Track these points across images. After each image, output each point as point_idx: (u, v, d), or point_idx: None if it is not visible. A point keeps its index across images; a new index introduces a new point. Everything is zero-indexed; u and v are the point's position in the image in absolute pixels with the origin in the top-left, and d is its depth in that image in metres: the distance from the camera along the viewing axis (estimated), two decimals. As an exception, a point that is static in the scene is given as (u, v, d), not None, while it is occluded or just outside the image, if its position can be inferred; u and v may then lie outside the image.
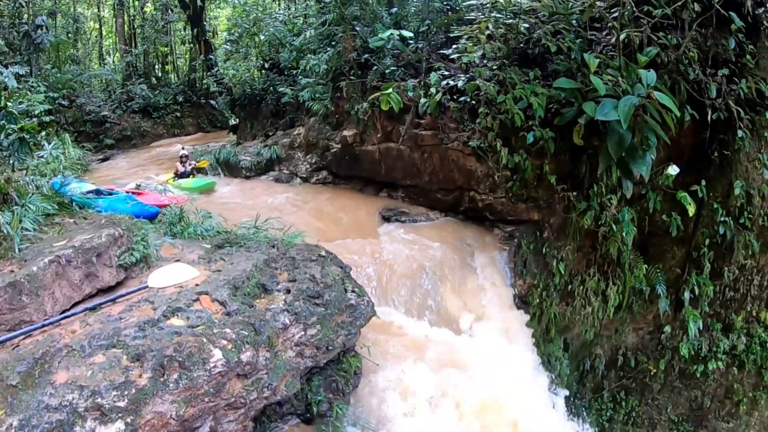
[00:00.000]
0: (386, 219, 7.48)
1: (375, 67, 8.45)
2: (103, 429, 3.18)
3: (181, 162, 10.99)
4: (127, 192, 8.12)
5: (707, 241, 7.65)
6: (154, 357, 3.50)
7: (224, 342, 3.80)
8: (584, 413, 7.52)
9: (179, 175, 10.84)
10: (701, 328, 7.72)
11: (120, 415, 3.23)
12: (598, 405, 7.79)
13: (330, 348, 4.55)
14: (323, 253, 5.31)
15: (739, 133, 7.04)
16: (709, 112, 6.86)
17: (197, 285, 4.42)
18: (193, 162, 11.24)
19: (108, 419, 3.20)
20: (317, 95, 9.21)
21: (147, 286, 4.43)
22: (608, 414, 7.88)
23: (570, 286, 7.10)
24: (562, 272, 6.96)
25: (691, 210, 7.01)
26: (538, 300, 6.88)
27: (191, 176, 10.79)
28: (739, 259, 7.89)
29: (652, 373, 7.94)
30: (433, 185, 7.65)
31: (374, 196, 8.31)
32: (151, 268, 4.82)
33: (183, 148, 11.86)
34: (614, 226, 6.89)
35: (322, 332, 4.48)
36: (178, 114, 18.08)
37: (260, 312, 4.25)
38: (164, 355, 3.52)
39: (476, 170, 7.16)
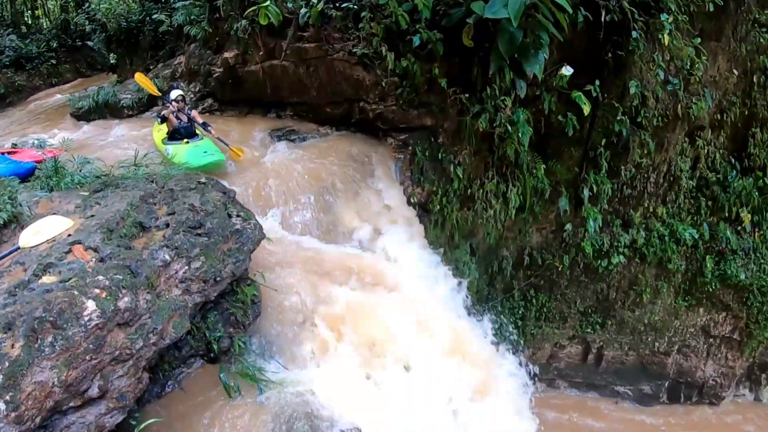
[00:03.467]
0: (275, 139, 7.31)
1: (253, -19, 8.04)
2: (-17, 413, 2.92)
3: (177, 111, 7.35)
4: (0, 153, 7.52)
5: (603, 141, 8.07)
6: (25, 322, 3.25)
7: (97, 291, 3.56)
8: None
9: (174, 133, 7.25)
10: (601, 224, 8.20)
11: (-2, 394, 2.98)
12: (510, 304, 8.21)
13: (218, 279, 4.40)
14: (203, 180, 5.11)
15: (634, 34, 7.31)
16: (603, 14, 7.03)
17: (70, 235, 4.12)
18: (193, 112, 7.50)
19: (-14, 401, 2.94)
20: (193, 18, 8.73)
21: (18, 248, 4.08)
22: (521, 312, 8.37)
23: (470, 191, 7.30)
24: (461, 177, 7.12)
25: (586, 109, 7.29)
26: (438, 207, 7.04)
27: (197, 135, 7.22)
28: (635, 158, 8.41)
29: (558, 270, 8.44)
30: (322, 100, 7.55)
31: (262, 117, 8.12)
32: (25, 227, 4.47)
33: (175, 87, 8.14)
34: (509, 128, 7.05)
35: (208, 263, 4.32)
36: (54, 62, 16.61)
37: (137, 252, 4.03)
38: (34, 317, 3.27)
39: (364, 79, 7.10)
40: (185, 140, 7.11)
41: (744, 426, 10.08)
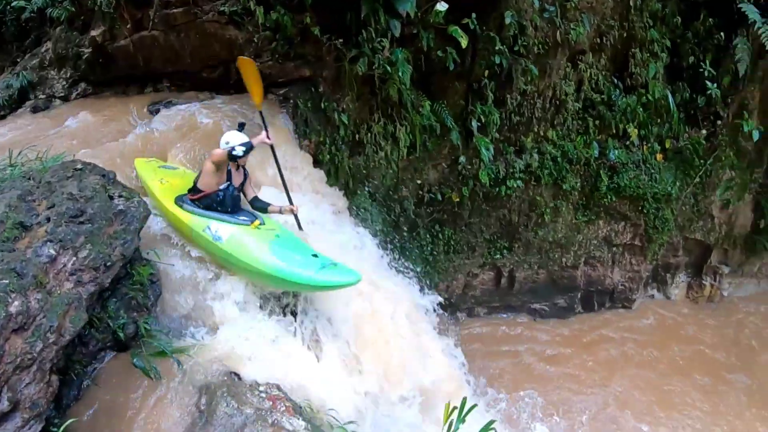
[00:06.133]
0: (154, 113, 7.23)
1: (108, -50, 7.77)
2: None
3: (235, 163, 5.17)
4: None
5: (486, 73, 8.42)
6: None
7: (-15, 301, 3.53)
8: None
9: (211, 200, 5.16)
10: (494, 153, 8.64)
11: None
12: (417, 242, 8.56)
13: (109, 264, 4.41)
14: (79, 166, 5.04)
15: (502, -34, 7.58)
16: (467, -53, 7.30)
17: (-51, 251, 4.02)
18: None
19: None
20: (52, -3, 8.38)
21: None
22: (429, 248, 8.74)
23: (357, 136, 7.53)
24: (346, 123, 7.32)
25: (464, 42, 7.59)
26: (328, 156, 7.22)
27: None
28: (520, 86, 8.82)
29: (459, 202, 8.87)
30: (197, 65, 7.54)
31: (140, 94, 7.96)
32: None
33: (240, 129, 5.39)
34: (389, 68, 7.28)
35: (95, 250, 4.32)
36: None
37: (20, 253, 3.99)
38: (-74, 340, 3.20)
39: (237, 38, 7.15)
40: (255, 221, 5.06)
41: (655, 322, 11.08)
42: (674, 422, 8.89)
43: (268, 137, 5.22)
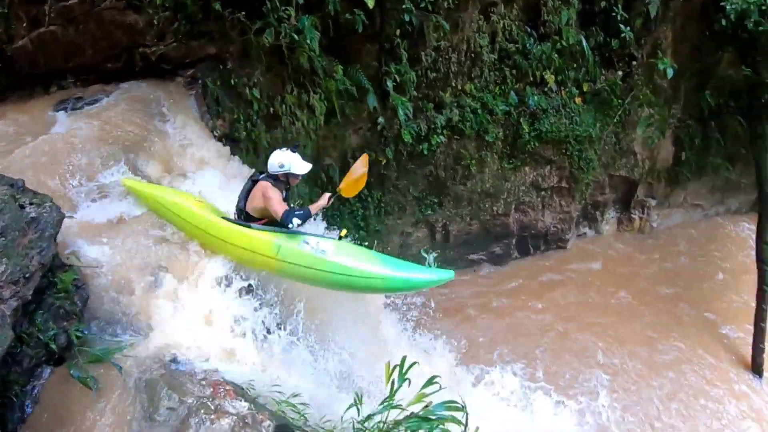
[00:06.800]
0: (60, 111, 7.04)
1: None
2: None
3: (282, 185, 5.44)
4: None
5: (398, 32, 8.54)
6: None
7: None
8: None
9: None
10: (413, 111, 8.85)
11: None
12: (348, 209, 8.78)
13: (28, 276, 4.29)
14: None
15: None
16: None
17: None
18: None
19: None
20: (-63, -1, 7.95)
21: None
22: (360, 213, 8.96)
23: (272, 109, 7.57)
24: (259, 97, 7.37)
25: (370, 3, 7.69)
26: (245, 133, 7.28)
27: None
28: (433, 42, 8.98)
29: (384, 164, 9.09)
30: (100, 56, 7.34)
31: (45, 95, 7.58)
32: None
33: (294, 148, 5.59)
34: (296, 37, 7.34)
35: (12, 263, 4.19)
36: None
37: None
38: None
39: (137, 23, 7.02)
40: (343, 231, 5.24)
41: (590, 258, 11.76)
42: (626, 347, 9.62)
43: (327, 202, 5.43)
